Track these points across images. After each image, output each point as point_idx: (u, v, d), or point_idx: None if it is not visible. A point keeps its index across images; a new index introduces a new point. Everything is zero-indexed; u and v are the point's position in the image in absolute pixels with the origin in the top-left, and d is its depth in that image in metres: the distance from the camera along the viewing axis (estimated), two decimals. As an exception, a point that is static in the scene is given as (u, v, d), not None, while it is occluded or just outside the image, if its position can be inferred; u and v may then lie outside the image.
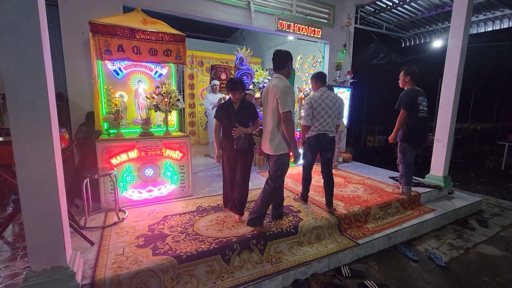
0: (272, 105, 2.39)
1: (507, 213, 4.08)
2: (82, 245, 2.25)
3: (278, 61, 2.48)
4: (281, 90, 2.30)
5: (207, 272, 2.14)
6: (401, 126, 3.43)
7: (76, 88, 3.52)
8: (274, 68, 2.53)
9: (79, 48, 3.48)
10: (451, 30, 4.02)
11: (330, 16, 5.64)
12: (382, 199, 3.45)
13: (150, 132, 3.24)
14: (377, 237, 2.85)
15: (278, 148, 2.41)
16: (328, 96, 3.02)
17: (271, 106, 2.40)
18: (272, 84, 2.43)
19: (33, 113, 1.55)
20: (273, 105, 2.38)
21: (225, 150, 2.76)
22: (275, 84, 2.39)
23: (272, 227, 2.60)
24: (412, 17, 6.54)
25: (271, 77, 2.71)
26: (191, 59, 7.12)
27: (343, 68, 5.96)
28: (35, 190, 1.61)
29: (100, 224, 2.66)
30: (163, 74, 3.64)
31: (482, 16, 6.03)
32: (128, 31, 3.05)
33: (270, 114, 2.43)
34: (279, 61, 2.48)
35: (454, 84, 3.96)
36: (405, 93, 3.43)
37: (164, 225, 2.62)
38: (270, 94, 2.41)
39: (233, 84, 2.61)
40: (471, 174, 6.50)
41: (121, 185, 3.05)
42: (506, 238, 3.30)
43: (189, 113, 7.33)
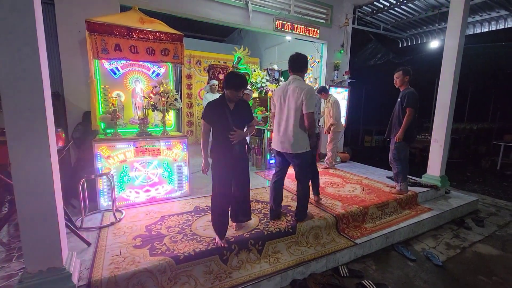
0: (295, 105, 2.51)
1: (503, 212, 4.11)
2: (79, 246, 2.23)
3: (299, 64, 2.61)
4: (306, 92, 2.46)
5: (205, 273, 2.13)
6: (409, 125, 3.44)
7: (73, 87, 3.49)
8: (293, 70, 2.63)
9: (75, 47, 3.45)
10: (447, 31, 4.05)
11: (328, 16, 5.65)
12: (379, 199, 3.46)
13: (147, 132, 3.23)
14: (374, 237, 2.86)
15: (303, 147, 2.57)
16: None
17: (293, 107, 2.52)
18: (294, 86, 2.53)
19: (29, 112, 1.54)
20: (296, 106, 2.50)
21: (220, 160, 2.27)
22: (298, 85, 2.52)
23: (270, 227, 2.60)
24: (409, 17, 6.58)
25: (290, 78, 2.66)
26: (188, 58, 7.09)
27: (340, 68, 5.97)
28: (30, 190, 1.59)
29: (97, 224, 2.64)
30: (161, 73, 3.62)
31: (478, 17, 6.08)
32: (125, 30, 3.03)
33: (292, 114, 2.53)
34: (300, 64, 2.61)
35: (450, 85, 3.98)
36: (412, 92, 3.44)
37: (162, 226, 2.61)
38: (292, 95, 2.51)
39: (241, 80, 2.20)
40: (468, 174, 6.54)
41: (118, 185, 3.03)
42: (502, 237, 3.32)
43: (187, 113, 7.31)
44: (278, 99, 2.64)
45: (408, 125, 3.42)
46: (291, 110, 2.54)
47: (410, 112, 3.39)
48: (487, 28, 6.29)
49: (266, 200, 3.28)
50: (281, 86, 2.70)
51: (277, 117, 2.67)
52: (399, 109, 3.54)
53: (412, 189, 3.87)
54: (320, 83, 6.00)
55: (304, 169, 2.67)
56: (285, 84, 2.65)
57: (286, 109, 2.59)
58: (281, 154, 2.72)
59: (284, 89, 2.61)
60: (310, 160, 2.74)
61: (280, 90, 2.65)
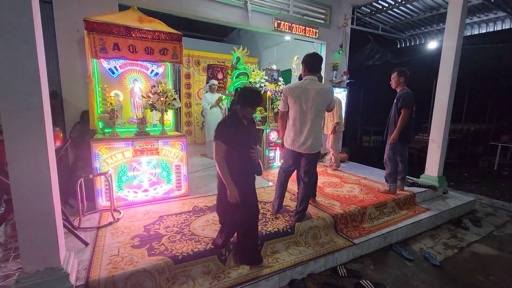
0: (319, 106, 2.58)
1: (500, 212, 4.14)
2: (77, 246, 2.22)
3: (319, 64, 2.68)
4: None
5: (203, 273, 2.12)
6: (405, 125, 3.45)
7: (71, 86, 3.48)
8: (312, 70, 2.64)
9: (73, 46, 3.44)
10: (445, 32, 4.06)
11: (326, 17, 5.66)
12: (377, 199, 3.47)
13: (146, 132, 3.22)
14: (373, 237, 2.87)
15: (319, 146, 2.68)
16: None
17: (316, 107, 2.57)
18: (318, 87, 2.57)
19: (26, 112, 1.53)
20: (320, 107, 2.59)
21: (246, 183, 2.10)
22: (322, 87, 2.60)
23: (269, 227, 2.60)
24: (407, 18, 6.60)
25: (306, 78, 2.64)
26: (187, 58, 7.08)
27: (339, 68, 5.99)
28: (27, 190, 1.58)
29: (95, 224, 2.63)
30: (159, 73, 3.61)
31: (476, 18, 6.11)
32: (123, 30, 3.02)
33: (314, 115, 2.58)
34: (319, 64, 2.68)
35: (448, 85, 4.00)
36: (408, 93, 3.46)
37: (160, 225, 2.60)
38: (317, 97, 2.55)
39: (259, 98, 2.11)
40: (465, 174, 6.58)
41: (116, 185, 3.02)
42: (499, 237, 3.34)
43: (186, 112, 7.29)
44: (297, 99, 2.57)
45: (403, 125, 3.43)
46: (319, 111, 2.60)
47: (405, 113, 3.40)
48: (485, 29, 6.32)
49: (265, 200, 3.28)
50: (296, 86, 2.60)
51: (299, 118, 2.59)
52: (394, 110, 3.55)
53: (410, 189, 3.89)
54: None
55: (314, 167, 2.79)
56: (302, 85, 2.59)
57: (312, 110, 2.56)
58: (295, 155, 2.69)
59: (303, 90, 2.55)
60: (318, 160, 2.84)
61: (298, 91, 2.56)
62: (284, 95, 2.68)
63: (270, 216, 2.85)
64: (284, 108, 2.72)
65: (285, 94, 2.66)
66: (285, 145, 2.75)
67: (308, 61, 2.63)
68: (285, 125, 2.79)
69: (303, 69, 2.69)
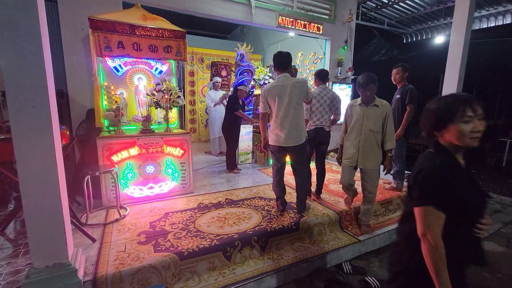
0: (297, 99, 2.63)
1: (509, 209, 4.08)
2: (84, 242, 2.26)
3: (286, 61, 2.70)
4: (307, 85, 2.70)
5: (208, 269, 2.14)
6: (409, 121, 3.42)
7: (76, 85, 3.51)
8: (281, 68, 2.71)
9: (78, 44, 3.46)
10: (453, 26, 3.98)
11: (331, 12, 5.60)
12: (383, 195, 3.45)
13: (150, 129, 3.24)
14: (378, 234, 2.86)
15: (303, 138, 2.72)
16: (326, 94, 3.21)
17: (294, 100, 2.62)
18: (292, 81, 2.64)
19: (34, 110, 1.55)
20: (297, 99, 2.64)
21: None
22: (296, 80, 2.66)
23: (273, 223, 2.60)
24: (414, 12, 6.49)
25: (277, 76, 2.75)
26: (191, 55, 7.08)
27: (344, 64, 5.92)
28: (36, 187, 1.61)
29: (102, 221, 2.67)
30: (164, 71, 3.62)
31: (485, 11, 5.97)
32: (128, 28, 3.02)
33: (293, 108, 2.63)
34: (286, 60, 2.70)
35: (456, 81, 3.92)
36: (414, 89, 3.42)
37: (165, 222, 2.62)
38: (293, 90, 2.61)
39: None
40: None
41: (122, 182, 3.05)
42: (507, 234, 3.29)
43: (190, 110, 7.31)
44: (276, 98, 2.64)
45: (409, 121, 3.40)
46: (297, 104, 2.64)
47: (411, 109, 3.37)
48: (493, 23, 6.18)
49: (269, 197, 3.29)
50: (273, 86, 2.68)
51: (280, 114, 2.65)
52: (398, 106, 3.50)
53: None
54: (323, 79, 5.96)
55: (303, 158, 2.82)
56: (277, 83, 2.67)
57: (290, 104, 2.62)
58: (282, 150, 2.74)
59: (280, 87, 2.63)
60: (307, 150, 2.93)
61: (275, 89, 2.64)
62: (263, 97, 2.72)
63: (275, 213, 2.86)
64: (265, 110, 2.76)
65: (264, 96, 2.71)
66: (270, 143, 2.78)
67: (276, 60, 2.71)
68: (266, 126, 2.86)
69: (274, 68, 2.78)
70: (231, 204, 3.07)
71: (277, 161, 2.83)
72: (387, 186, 3.74)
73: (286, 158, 2.86)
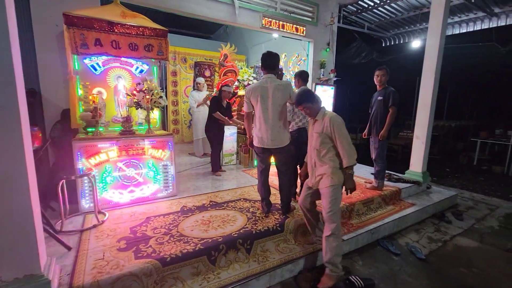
0: (280, 101, 2.62)
1: (480, 206, 4.31)
2: (59, 251, 2.13)
3: (275, 62, 2.69)
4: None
5: (192, 274, 2.09)
6: (392, 123, 3.52)
7: (50, 84, 3.31)
8: (267, 68, 2.69)
9: (52, 41, 3.27)
10: (429, 31, 4.17)
11: (314, 15, 5.68)
12: (365, 195, 3.53)
13: (131, 131, 3.12)
14: (360, 233, 2.92)
15: (287, 139, 2.73)
16: None
17: (277, 103, 2.61)
18: (276, 83, 2.62)
19: (1, 110, 1.43)
20: (280, 102, 2.62)
21: None
22: (280, 83, 2.65)
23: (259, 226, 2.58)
24: (392, 17, 6.73)
25: (262, 77, 2.75)
26: (173, 55, 6.94)
27: (326, 66, 6.03)
28: (4, 193, 1.49)
29: (78, 227, 2.53)
30: (145, 70, 3.50)
31: (457, 18, 6.31)
32: (106, 24, 2.90)
33: (276, 110, 2.62)
34: (275, 62, 2.69)
35: (432, 83, 4.11)
36: (396, 91, 3.53)
37: (147, 227, 2.53)
38: (276, 92, 2.59)
39: None
40: (447, 169, 6.82)
41: (101, 186, 2.91)
42: (480, 230, 3.48)
43: (172, 110, 7.16)
44: (258, 98, 2.62)
45: (392, 123, 3.51)
46: (280, 106, 2.63)
47: (394, 111, 3.48)
48: (465, 29, 6.54)
49: (254, 199, 3.27)
50: (257, 86, 2.66)
51: (262, 115, 2.64)
52: (381, 108, 3.60)
53: (396, 185, 3.98)
54: (306, 81, 6.04)
55: (289, 160, 2.84)
56: (261, 84, 2.66)
57: (273, 107, 2.61)
58: (266, 152, 2.73)
59: (263, 88, 2.62)
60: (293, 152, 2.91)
61: (258, 90, 2.62)
62: (246, 97, 2.71)
63: (260, 214, 2.84)
64: (249, 109, 2.75)
65: (247, 96, 2.70)
66: (254, 144, 2.77)
67: (263, 60, 2.70)
68: (251, 125, 2.85)
69: (261, 68, 2.77)
70: (215, 207, 3.02)
71: (262, 162, 2.81)
72: (368, 186, 3.84)
73: (271, 159, 2.85)
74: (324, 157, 2.29)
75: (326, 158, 2.28)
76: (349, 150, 2.17)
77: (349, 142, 2.18)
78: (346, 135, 2.19)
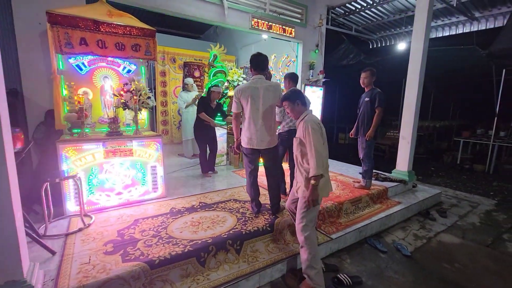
0: (270, 102, 2.66)
1: (463, 203, 4.46)
2: (42, 255, 2.07)
3: (264, 63, 2.74)
4: (281, 89, 2.75)
5: (181, 276, 2.07)
6: (379, 123, 3.60)
7: (33, 84, 3.21)
8: (257, 69, 2.71)
9: (35, 40, 3.17)
10: (413, 34, 4.28)
11: (302, 16, 5.74)
12: (353, 194, 3.59)
13: (118, 132, 3.07)
14: (349, 231, 2.97)
15: (276, 140, 2.79)
16: None
17: (267, 104, 2.65)
18: (266, 84, 2.67)
19: (-21, 112, 1.39)
20: (270, 102, 2.67)
21: None
22: (270, 84, 2.70)
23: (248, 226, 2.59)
24: (378, 20, 6.88)
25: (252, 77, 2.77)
26: (162, 55, 6.86)
27: (315, 67, 6.10)
28: (-17, 198, 1.44)
29: (63, 231, 2.46)
30: (132, 70, 3.45)
31: (440, 21, 6.52)
32: (91, 23, 2.84)
33: (266, 111, 2.66)
34: (264, 62, 2.73)
35: (416, 85, 4.22)
36: (381, 92, 3.61)
37: (135, 230, 2.49)
38: (267, 93, 2.63)
39: None
40: (432, 168, 7.02)
41: (87, 189, 2.85)
42: (463, 226, 3.60)
43: (162, 111, 7.07)
44: (248, 99, 2.63)
45: (379, 123, 3.59)
46: (270, 107, 2.67)
47: (380, 112, 3.56)
48: (448, 32, 6.77)
49: (244, 199, 3.27)
50: (247, 87, 2.67)
51: (253, 116, 2.65)
52: (368, 109, 3.68)
53: (383, 184, 4.07)
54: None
55: (278, 161, 2.96)
56: (251, 84, 2.67)
57: (263, 107, 2.64)
58: (255, 152, 2.75)
59: (253, 89, 2.63)
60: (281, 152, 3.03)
61: (248, 90, 2.63)
62: (236, 97, 2.71)
63: (250, 215, 2.85)
64: (238, 110, 2.73)
65: (237, 96, 2.69)
66: (243, 145, 2.77)
67: (254, 60, 2.71)
68: (239, 126, 2.84)
69: (250, 69, 2.79)
70: (205, 208, 3.01)
71: (251, 163, 2.81)
72: (356, 185, 3.91)
73: (259, 160, 2.86)
74: (301, 165, 2.18)
75: (303, 168, 2.16)
76: (316, 159, 1.98)
77: (318, 150, 1.98)
78: (317, 143, 2.00)
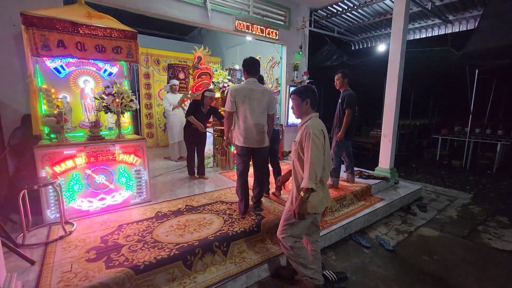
0: (265, 105, 2.80)
1: (442, 198, 4.66)
2: (21, 266, 2.00)
3: (257, 67, 2.88)
4: (272, 95, 2.91)
5: (167, 280, 2.05)
6: (349, 124, 3.69)
7: (7, 88, 3.08)
8: (251, 72, 2.83)
9: (9, 42, 3.05)
10: (392, 36, 4.44)
11: (286, 19, 5.82)
12: (338, 192, 3.68)
13: (100, 136, 3.00)
14: (334, 229, 3.04)
15: (268, 140, 2.93)
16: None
17: (262, 106, 2.78)
18: (261, 88, 2.82)
19: None
20: (265, 105, 2.80)
21: None
22: (265, 89, 2.88)
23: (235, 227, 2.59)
24: (359, 22, 7.07)
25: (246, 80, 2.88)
26: (146, 57, 6.75)
27: (300, 69, 6.20)
28: (-46, 208, 1.38)
29: (43, 240, 2.38)
30: (114, 73, 3.38)
31: (417, 24, 6.78)
32: (69, 25, 2.77)
33: (261, 112, 2.78)
34: (257, 67, 2.88)
35: (395, 85, 4.38)
36: (352, 94, 3.70)
37: (119, 235, 2.45)
38: (262, 96, 2.78)
39: None
40: (413, 165, 7.28)
41: (68, 195, 2.77)
42: (441, 220, 3.76)
43: (146, 114, 6.95)
44: (244, 99, 2.71)
45: (347, 124, 3.69)
46: (264, 109, 2.81)
47: (349, 113, 3.66)
48: (424, 34, 7.05)
49: (230, 201, 3.28)
50: (242, 87, 2.76)
51: (250, 116, 2.72)
52: (339, 110, 3.80)
53: (367, 182, 4.19)
54: (281, 83, 6.16)
55: (267, 159, 3.18)
56: (247, 85, 2.77)
57: (258, 108, 2.75)
58: (249, 152, 2.82)
59: (249, 90, 2.74)
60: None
61: (244, 91, 2.73)
62: (232, 96, 2.73)
63: (237, 216, 2.86)
64: (232, 109, 2.76)
65: (233, 95, 2.73)
66: (238, 144, 2.81)
67: (247, 65, 2.84)
68: (230, 125, 2.88)
69: (243, 73, 2.89)
70: (191, 211, 2.99)
71: (244, 164, 2.86)
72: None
73: (250, 161, 2.93)
74: (297, 173, 2.03)
75: (299, 176, 2.01)
76: (310, 171, 1.83)
77: (313, 162, 1.83)
78: (314, 153, 1.84)
